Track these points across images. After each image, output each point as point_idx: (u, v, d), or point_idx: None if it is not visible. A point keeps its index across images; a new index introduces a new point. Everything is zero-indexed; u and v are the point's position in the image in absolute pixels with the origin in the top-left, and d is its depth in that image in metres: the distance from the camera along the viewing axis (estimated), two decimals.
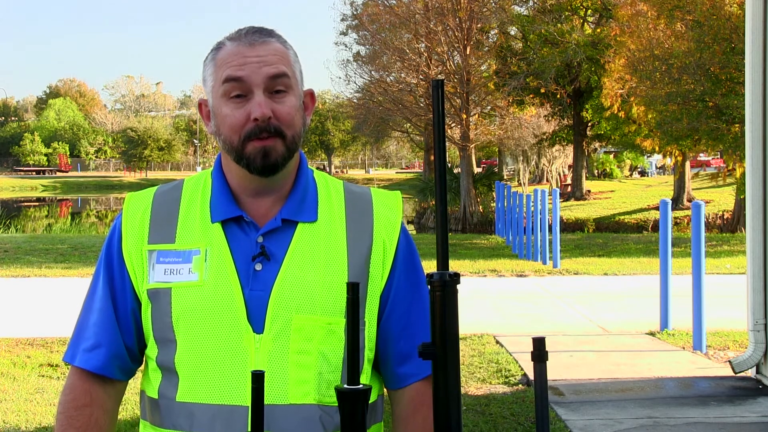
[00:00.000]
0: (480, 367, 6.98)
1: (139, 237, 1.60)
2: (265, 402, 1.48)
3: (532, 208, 15.46)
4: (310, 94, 1.66)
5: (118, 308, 1.61)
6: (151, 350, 1.60)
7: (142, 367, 1.69)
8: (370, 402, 1.62)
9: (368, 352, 1.62)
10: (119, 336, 1.61)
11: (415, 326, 1.63)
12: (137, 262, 1.59)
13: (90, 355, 1.61)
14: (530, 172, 45.05)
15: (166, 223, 1.60)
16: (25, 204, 52.38)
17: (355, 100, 35.90)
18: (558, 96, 30.69)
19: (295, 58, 1.61)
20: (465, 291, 9.68)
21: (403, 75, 29.99)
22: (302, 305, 1.54)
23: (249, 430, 1.14)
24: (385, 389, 1.73)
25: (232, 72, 1.54)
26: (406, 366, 1.64)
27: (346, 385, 1.15)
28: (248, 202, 1.61)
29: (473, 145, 30.35)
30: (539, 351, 1.16)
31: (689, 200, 27.92)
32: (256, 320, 1.53)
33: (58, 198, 60.02)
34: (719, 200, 29.44)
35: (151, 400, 1.61)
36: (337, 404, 1.56)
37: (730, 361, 6.57)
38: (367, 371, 1.63)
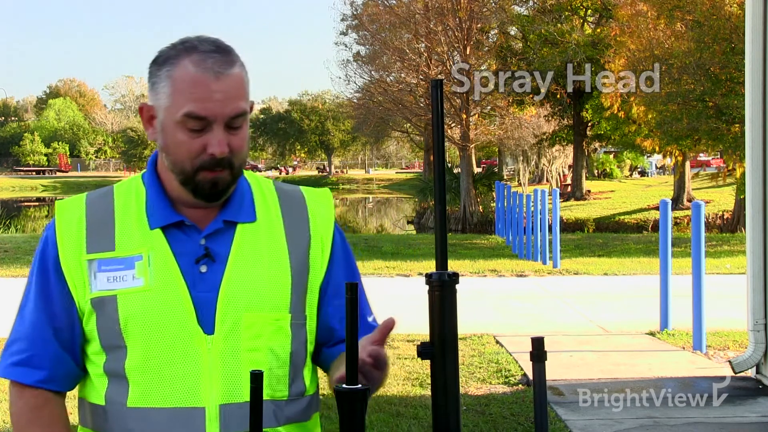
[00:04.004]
0: (480, 367, 6.98)
1: (77, 247, 1.59)
2: (221, 402, 1.52)
3: (532, 208, 15.45)
4: (251, 106, 1.66)
5: (55, 320, 1.59)
6: (97, 357, 1.59)
7: None
8: (310, 394, 1.67)
9: (309, 346, 1.66)
10: (57, 347, 1.59)
11: (360, 315, 1.67)
12: (76, 273, 1.58)
13: (26, 370, 1.59)
14: (530, 172, 45.01)
15: (102, 230, 1.59)
16: (25, 204, 52.38)
17: (355, 100, 35.91)
18: (558, 96, 30.68)
19: (248, 79, 1.60)
20: (465, 291, 9.68)
21: (403, 75, 30.00)
22: (250, 303, 1.56)
23: (249, 430, 1.13)
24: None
25: (196, 110, 1.52)
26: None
27: (344, 385, 1.15)
28: (186, 208, 1.61)
29: (473, 145, 30.36)
30: (538, 351, 1.16)
31: (689, 200, 27.90)
32: (206, 321, 1.54)
33: (58, 198, 59.87)
34: (719, 200, 29.42)
35: (95, 406, 1.59)
36: (287, 398, 1.58)
37: (730, 361, 6.57)
38: (309, 365, 1.67)
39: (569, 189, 37.10)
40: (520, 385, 6.43)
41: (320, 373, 1.73)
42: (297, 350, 1.62)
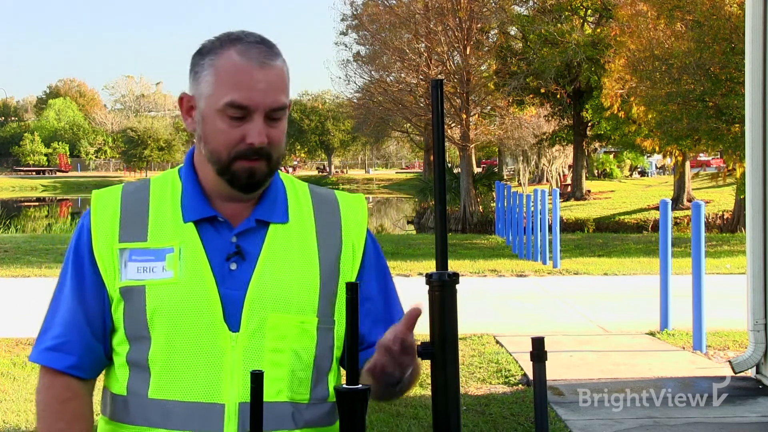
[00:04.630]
0: (480, 367, 6.97)
1: (110, 236, 1.60)
2: (241, 400, 1.52)
3: (532, 208, 15.45)
4: (289, 105, 1.68)
5: (87, 307, 1.61)
6: (121, 347, 1.60)
7: None
8: (335, 401, 1.65)
9: (337, 351, 1.66)
10: (89, 335, 1.61)
11: (392, 318, 1.68)
12: (108, 261, 1.59)
13: (59, 355, 1.60)
14: (530, 172, 45.01)
15: (136, 221, 1.61)
16: (25, 204, 52.36)
17: (355, 100, 35.89)
18: (558, 96, 30.68)
19: (289, 75, 1.62)
20: (465, 291, 9.69)
21: (403, 75, 29.98)
22: (277, 304, 1.57)
23: (249, 429, 1.14)
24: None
25: (239, 98, 1.53)
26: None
27: (345, 385, 1.15)
28: (221, 203, 1.62)
29: (473, 145, 30.35)
30: (538, 351, 1.16)
31: (689, 200, 27.90)
32: (232, 319, 1.55)
33: (58, 198, 59.97)
34: (719, 200, 29.42)
35: (117, 396, 1.60)
36: (308, 401, 1.57)
37: (730, 361, 6.57)
38: (335, 371, 1.67)
39: (569, 189, 37.10)
40: (520, 385, 6.43)
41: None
42: (322, 354, 1.61)
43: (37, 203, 54.85)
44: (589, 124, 33.08)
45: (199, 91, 1.59)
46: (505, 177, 43.45)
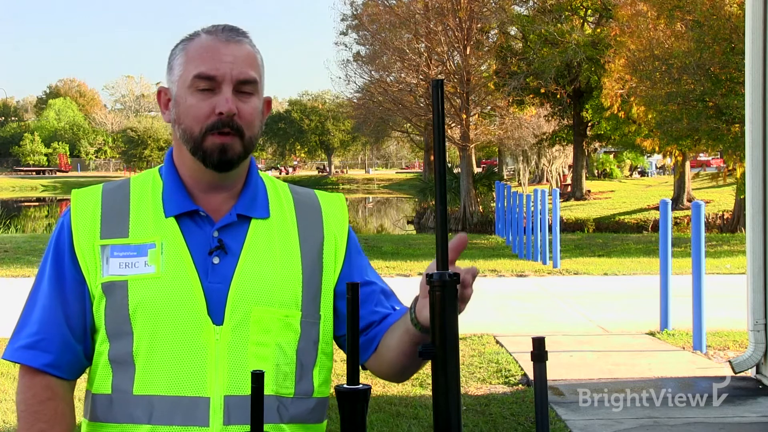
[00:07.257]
0: (480, 367, 6.98)
1: (91, 232, 1.60)
2: (226, 393, 1.52)
3: (532, 208, 15.45)
4: (267, 103, 1.69)
5: (67, 306, 1.60)
6: (103, 345, 1.59)
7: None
8: (319, 396, 1.66)
9: (325, 346, 1.66)
10: (67, 333, 1.60)
11: (380, 308, 1.69)
12: (89, 258, 1.59)
13: (34, 353, 1.59)
14: (530, 172, 44.98)
15: (117, 218, 1.61)
16: (25, 204, 52.36)
17: (355, 100, 35.87)
18: (558, 96, 30.66)
19: (262, 63, 1.65)
20: None
21: (403, 75, 29.97)
22: (261, 298, 1.58)
23: (249, 429, 1.13)
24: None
25: (206, 69, 1.57)
26: (383, 323, 1.68)
27: (345, 385, 1.15)
28: (201, 198, 1.64)
29: (473, 145, 30.34)
30: (539, 351, 1.16)
31: (689, 200, 27.88)
32: (216, 312, 1.56)
33: (58, 198, 59.93)
34: (719, 200, 29.41)
35: (101, 397, 1.59)
36: (292, 395, 1.58)
37: (730, 361, 6.57)
38: (321, 366, 1.66)
39: (569, 189, 37.09)
40: (520, 385, 6.43)
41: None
42: (305, 348, 1.62)
43: (37, 203, 54.85)
44: (589, 124, 33.07)
45: (173, 78, 1.63)
46: (505, 177, 43.44)
